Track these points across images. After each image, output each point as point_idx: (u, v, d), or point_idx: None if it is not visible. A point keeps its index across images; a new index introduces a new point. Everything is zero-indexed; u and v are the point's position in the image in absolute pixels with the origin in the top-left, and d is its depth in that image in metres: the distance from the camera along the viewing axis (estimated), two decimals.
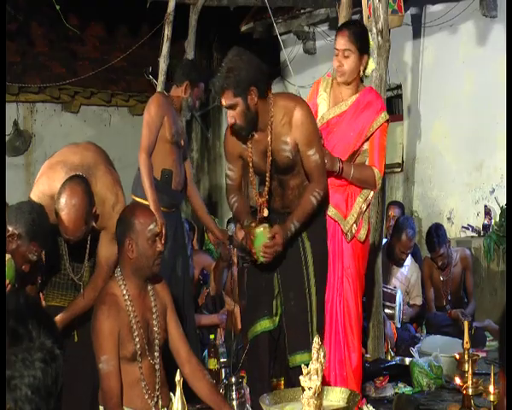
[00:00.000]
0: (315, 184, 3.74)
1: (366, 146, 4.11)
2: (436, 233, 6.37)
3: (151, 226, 3.44)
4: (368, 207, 4.11)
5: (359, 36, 4.12)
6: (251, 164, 3.77)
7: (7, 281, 3.51)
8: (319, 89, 4.24)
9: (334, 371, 3.98)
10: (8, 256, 3.53)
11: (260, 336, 3.84)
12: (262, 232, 3.63)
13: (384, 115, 4.09)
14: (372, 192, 4.12)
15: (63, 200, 3.55)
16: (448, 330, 6.00)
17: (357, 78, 4.14)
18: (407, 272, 6.43)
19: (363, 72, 4.15)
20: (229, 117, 3.66)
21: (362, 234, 4.06)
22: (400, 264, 6.41)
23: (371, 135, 4.08)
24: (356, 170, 4.03)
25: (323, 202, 3.85)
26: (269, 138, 3.69)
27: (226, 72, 3.57)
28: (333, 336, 4.00)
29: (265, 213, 3.76)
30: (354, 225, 4.04)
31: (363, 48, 4.10)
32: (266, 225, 3.67)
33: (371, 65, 4.22)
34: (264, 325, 3.82)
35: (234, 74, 3.56)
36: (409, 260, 6.46)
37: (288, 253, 3.79)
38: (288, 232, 3.67)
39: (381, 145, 4.11)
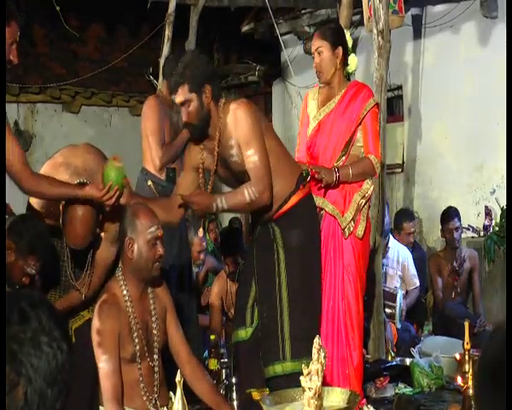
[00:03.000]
0: (251, 183, 3.56)
1: (359, 134, 4.13)
2: (455, 210, 6.59)
3: (152, 229, 3.42)
4: (366, 203, 4.11)
5: (329, 31, 4.19)
6: (202, 173, 3.74)
7: (115, 186, 3.36)
8: (308, 100, 4.31)
9: (337, 369, 3.98)
10: (117, 164, 3.41)
11: (240, 344, 3.83)
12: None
13: (373, 100, 4.16)
14: (371, 188, 4.13)
15: (72, 211, 3.49)
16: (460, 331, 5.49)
17: (337, 74, 4.16)
18: (390, 252, 6.37)
19: (345, 67, 4.19)
20: (183, 115, 3.62)
21: (359, 230, 4.06)
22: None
23: (362, 121, 4.11)
24: (353, 168, 4.05)
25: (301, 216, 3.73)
26: (216, 143, 3.64)
27: (183, 68, 3.58)
28: (335, 335, 4.01)
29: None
30: (352, 222, 4.05)
31: (334, 41, 4.14)
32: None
33: (354, 60, 4.24)
34: (240, 335, 3.80)
35: (191, 69, 3.57)
36: (391, 243, 6.41)
37: (263, 263, 3.75)
38: (213, 203, 3.55)
39: (374, 131, 4.14)
